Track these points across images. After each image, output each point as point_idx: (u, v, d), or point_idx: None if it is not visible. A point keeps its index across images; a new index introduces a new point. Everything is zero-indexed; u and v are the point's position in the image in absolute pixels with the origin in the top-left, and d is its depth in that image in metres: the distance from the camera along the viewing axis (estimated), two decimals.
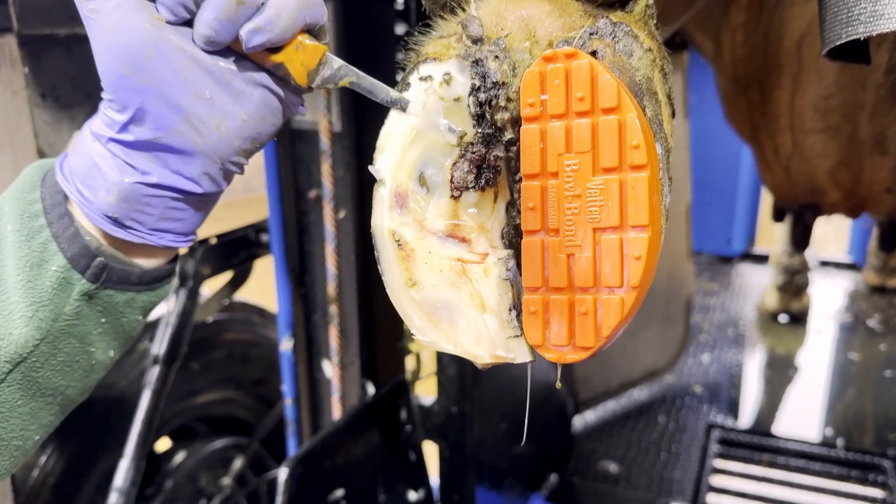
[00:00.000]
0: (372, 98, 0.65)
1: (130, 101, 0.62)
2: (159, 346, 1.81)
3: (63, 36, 1.46)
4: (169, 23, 0.61)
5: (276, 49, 0.62)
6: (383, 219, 0.64)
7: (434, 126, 0.63)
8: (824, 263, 4.32)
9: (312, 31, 0.64)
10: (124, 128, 0.63)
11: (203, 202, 0.69)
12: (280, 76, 0.64)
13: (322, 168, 1.80)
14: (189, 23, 0.62)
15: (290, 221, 1.92)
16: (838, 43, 0.74)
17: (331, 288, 1.89)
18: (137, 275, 0.71)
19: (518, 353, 0.62)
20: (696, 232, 3.27)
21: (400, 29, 1.92)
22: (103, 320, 0.71)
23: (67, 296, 0.68)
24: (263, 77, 0.64)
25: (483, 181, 0.62)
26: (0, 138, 1.41)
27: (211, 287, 2.10)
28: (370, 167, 0.65)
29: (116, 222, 0.67)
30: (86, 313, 0.70)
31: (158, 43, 0.60)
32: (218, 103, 0.62)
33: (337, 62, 0.65)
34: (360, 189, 1.84)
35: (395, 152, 0.63)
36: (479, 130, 0.61)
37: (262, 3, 0.60)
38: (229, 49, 0.63)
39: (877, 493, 2.31)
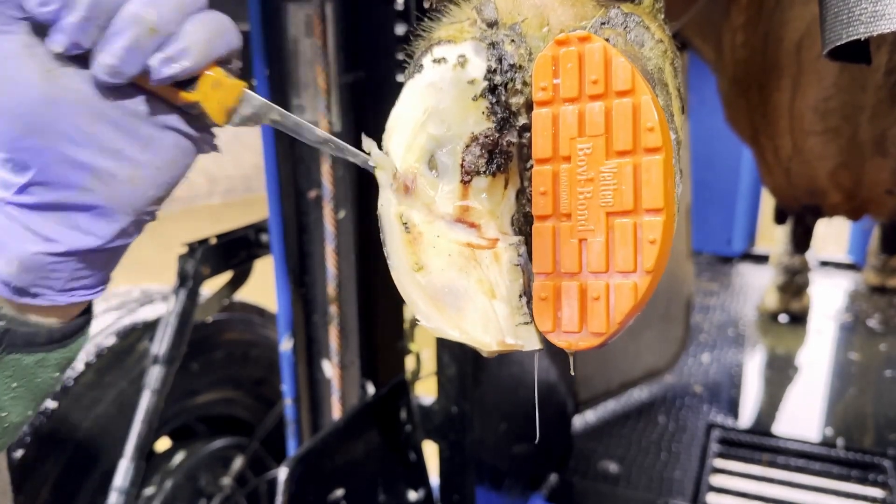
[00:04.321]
0: (297, 137, 0.62)
1: (30, 162, 0.55)
2: (159, 346, 1.80)
3: None
4: (67, 55, 0.54)
5: (188, 85, 0.57)
6: (391, 201, 0.63)
7: (440, 112, 0.62)
8: (824, 263, 4.32)
9: (226, 61, 0.59)
10: (23, 189, 0.56)
11: (115, 255, 0.63)
12: (194, 115, 0.59)
13: (322, 168, 1.80)
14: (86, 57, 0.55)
15: (290, 221, 1.92)
16: (839, 43, 0.74)
17: (331, 288, 1.89)
18: (45, 335, 0.63)
19: (527, 341, 0.61)
20: (696, 232, 3.27)
21: (400, 29, 1.92)
22: (14, 384, 0.63)
23: None
24: (174, 119, 0.58)
25: (494, 166, 0.62)
26: None
27: (211, 287, 2.10)
28: (368, 151, 0.64)
29: (19, 291, 0.60)
30: None
31: (54, 97, 0.54)
32: (127, 154, 0.57)
33: (257, 100, 0.60)
34: (360, 189, 1.84)
35: (405, 134, 0.63)
36: (493, 115, 0.61)
37: (174, 33, 0.55)
38: (134, 88, 0.56)
39: (877, 493, 2.31)
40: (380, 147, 0.64)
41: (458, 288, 0.62)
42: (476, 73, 0.61)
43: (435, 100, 0.62)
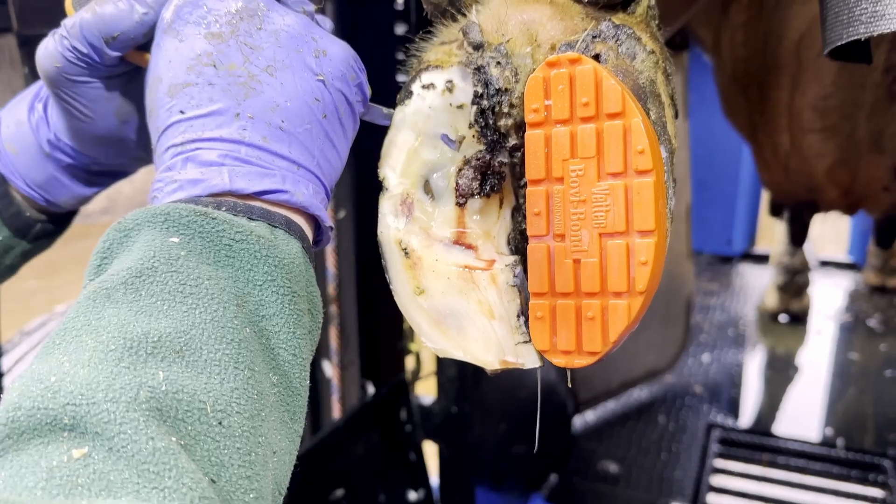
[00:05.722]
0: None
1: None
2: None
3: None
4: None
5: None
6: (389, 227, 0.64)
7: (432, 138, 0.63)
8: (824, 263, 4.31)
9: None
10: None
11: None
12: None
13: None
14: None
15: None
16: (840, 43, 0.74)
17: (331, 288, 1.89)
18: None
19: (527, 359, 0.62)
20: (696, 232, 3.27)
21: (400, 29, 1.92)
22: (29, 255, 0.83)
23: (9, 255, 0.79)
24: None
25: (488, 187, 0.63)
26: None
27: None
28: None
29: (62, 209, 0.79)
30: (20, 263, 0.82)
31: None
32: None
33: None
34: (360, 189, 1.84)
35: (399, 160, 0.63)
36: (483, 137, 0.61)
37: None
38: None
39: (877, 493, 2.31)
40: (377, 174, 0.65)
41: (459, 310, 0.63)
42: (464, 99, 0.61)
43: (426, 125, 0.62)
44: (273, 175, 0.56)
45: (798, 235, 2.85)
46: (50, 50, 0.63)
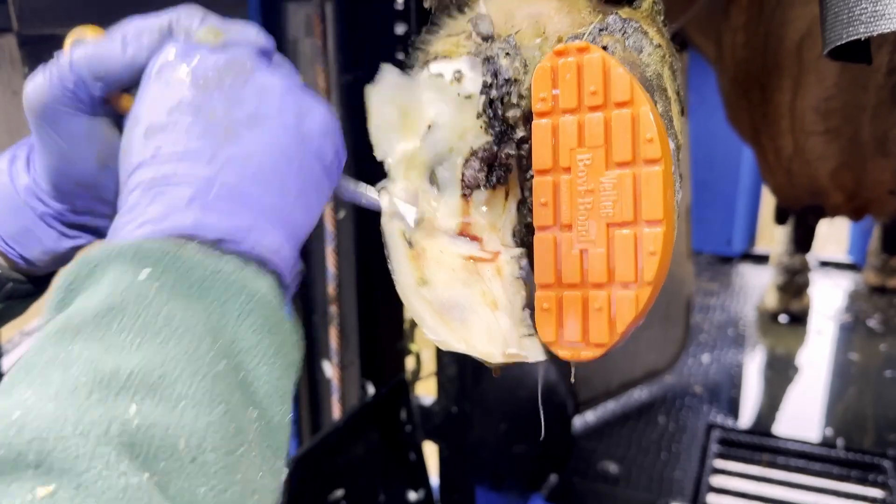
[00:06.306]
0: None
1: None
2: None
3: (63, 36, 1.46)
4: None
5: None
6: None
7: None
8: (824, 263, 4.31)
9: None
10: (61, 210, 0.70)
11: None
12: None
13: None
14: None
15: None
16: (839, 43, 0.74)
17: (331, 288, 1.89)
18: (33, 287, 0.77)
19: (531, 352, 0.61)
20: (696, 232, 3.27)
21: (400, 29, 1.91)
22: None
23: None
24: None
25: (494, 179, 0.62)
26: (0, 138, 1.41)
27: None
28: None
29: (37, 267, 0.73)
30: None
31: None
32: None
33: None
34: None
35: (405, 150, 0.63)
36: (491, 128, 0.61)
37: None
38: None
39: (877, 493, 2.31)
40: (377, 174, 0.65)
41: (463, 301, 0.62)
42: (472, 89, 0.61)
43: (433, 116, 0.62)
44: (241, 220, 0.55)
45: (803, 241, 2.84)
46: (38, 82, 0.62)
